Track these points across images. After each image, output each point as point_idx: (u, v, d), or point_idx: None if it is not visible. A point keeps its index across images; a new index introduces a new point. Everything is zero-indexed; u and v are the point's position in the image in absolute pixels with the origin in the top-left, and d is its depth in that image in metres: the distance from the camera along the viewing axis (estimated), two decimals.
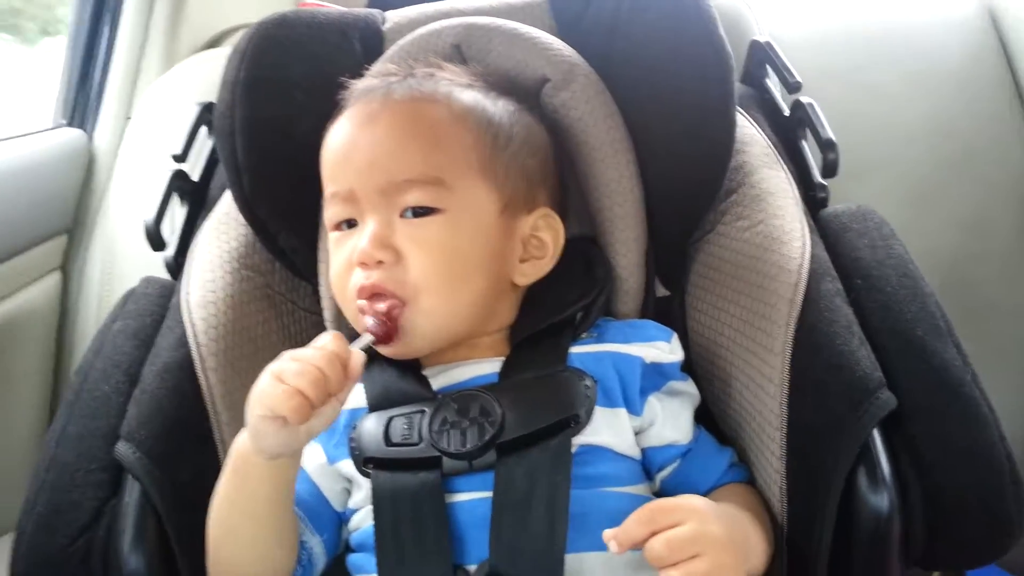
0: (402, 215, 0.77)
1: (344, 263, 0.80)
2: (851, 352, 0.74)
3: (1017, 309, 1.40)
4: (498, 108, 0.83)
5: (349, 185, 0.79)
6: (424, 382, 0.81)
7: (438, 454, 0.74)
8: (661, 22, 0.89)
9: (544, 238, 0.84)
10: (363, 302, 0.77)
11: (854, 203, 0.93)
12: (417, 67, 0.86)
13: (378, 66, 0.93)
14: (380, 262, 0.76)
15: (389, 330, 0.76)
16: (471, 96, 0.83)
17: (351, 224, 0.80)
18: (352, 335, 0.75)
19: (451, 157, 0.78)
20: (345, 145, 0.81)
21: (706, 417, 0.89)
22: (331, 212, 0.82)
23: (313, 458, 0.81)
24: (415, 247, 0.76)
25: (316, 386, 0.65)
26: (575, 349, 0.82)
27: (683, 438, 0.82)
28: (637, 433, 0.80)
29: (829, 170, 0.94)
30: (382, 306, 0.76)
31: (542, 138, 0.87)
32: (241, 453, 0.71)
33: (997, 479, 0.68)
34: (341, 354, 0.68)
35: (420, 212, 0.77)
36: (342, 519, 0.82)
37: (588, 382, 0.78)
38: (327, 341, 0.68)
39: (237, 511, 0.73)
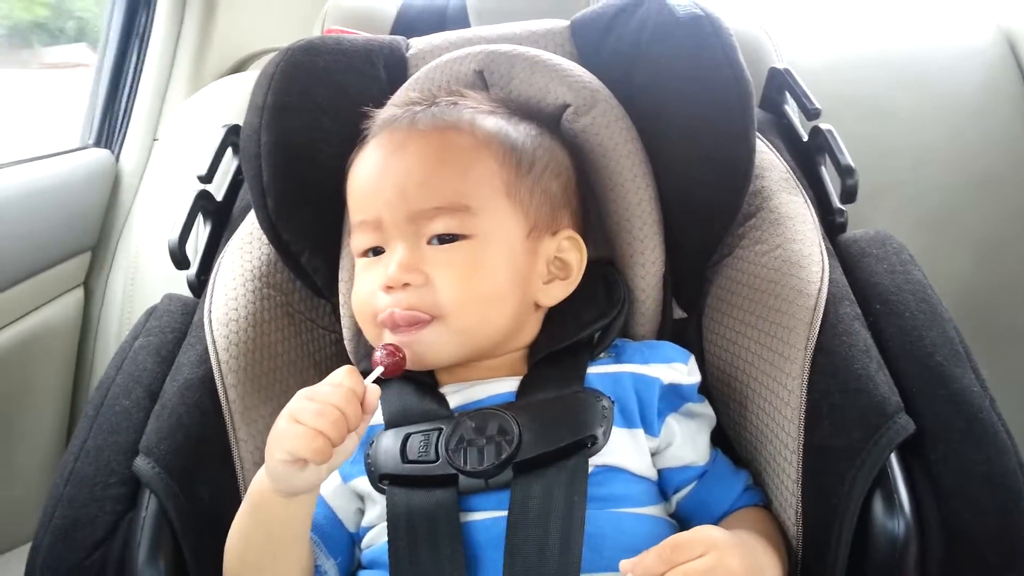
0: (429, 242, 0.78)
1: (370, 289, 0.80)
2: (869, 376, 0.74)
3: None
4: (520, 132, 0.84)
5: (377, 214, 0.79)
6: (442, 400, 0.81)
7: (454, 472, 0.74)
8: (682, 49, 0.89)
9: (568, 259, 0.85)
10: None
11: (872, 228, 0.93)
12: (440, 94, 0.87)
13: (401, 94, 0.94)
14: (406, 284, 0.77)
15: (398, 362, 0.76)
16: (494, 122, 0.83)
17: (377, 252, 0.81)
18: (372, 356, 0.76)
19: (477, 183, 0.79)
20: (373, 175, 0.81)
21: (722, 439, 0.88)
22: (358, 240, 0.83)
23: (328, 480, 0.81)
24: (443, 271, 0.77)
25: (336, 426, 0.66)
26: (593, 369, 0.82)
27: (700, 460, 0.82)
28: (654, 454, 0.80)
29: (848, 196, 0.94)
30: (395, 338, 0.76)
31: (564, 161, 0.88)
32: (260, 491, 0.72)
33: (1015, 505, 0.68)
34: (357, 390, 0.68)
35: (447, 239, 0.78)
36: (355, 540, 0.82)
37: (605, 402, 0.77)
38: (343, 377, 0.69)
39: (255, 546, 0.74)
